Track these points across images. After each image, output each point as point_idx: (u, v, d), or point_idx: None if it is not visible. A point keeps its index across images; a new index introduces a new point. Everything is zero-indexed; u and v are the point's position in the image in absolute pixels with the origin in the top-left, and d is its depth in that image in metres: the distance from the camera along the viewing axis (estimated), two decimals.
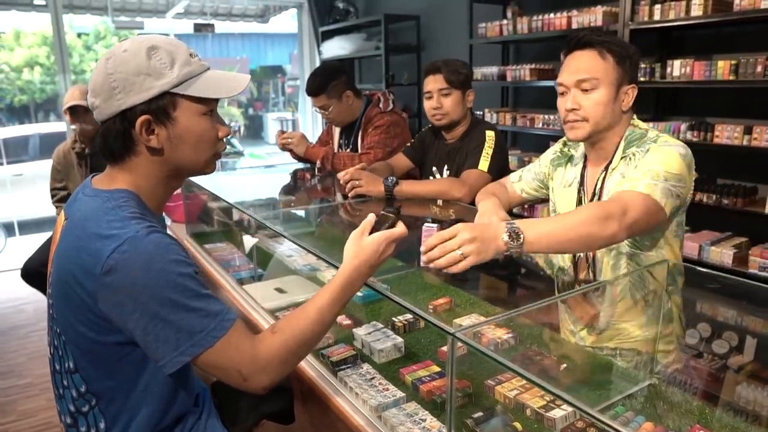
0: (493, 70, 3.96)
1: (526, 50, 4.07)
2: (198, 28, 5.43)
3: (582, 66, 1.42)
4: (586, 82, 1.40)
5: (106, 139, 1.05)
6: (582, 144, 1.59)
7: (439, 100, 2.18)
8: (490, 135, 2.18)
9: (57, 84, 4.91)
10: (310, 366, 1.41)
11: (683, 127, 2.82)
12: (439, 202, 2.12)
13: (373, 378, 1.30)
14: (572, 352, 1.51)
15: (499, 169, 2.15)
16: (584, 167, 1.60)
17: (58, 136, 5.15)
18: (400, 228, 1.16)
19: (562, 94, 1.49)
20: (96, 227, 0.98)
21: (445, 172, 2.31)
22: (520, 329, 1.57)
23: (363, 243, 1.13)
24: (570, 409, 1.15)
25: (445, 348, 1.45)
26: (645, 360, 1.42)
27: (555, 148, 1.76)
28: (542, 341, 1.49)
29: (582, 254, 1.54)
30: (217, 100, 1.10)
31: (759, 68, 2.49)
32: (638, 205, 1.27)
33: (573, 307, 1.56)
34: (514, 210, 1.99)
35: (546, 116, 3.57)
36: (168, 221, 2.90)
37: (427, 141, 2.42)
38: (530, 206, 3.62)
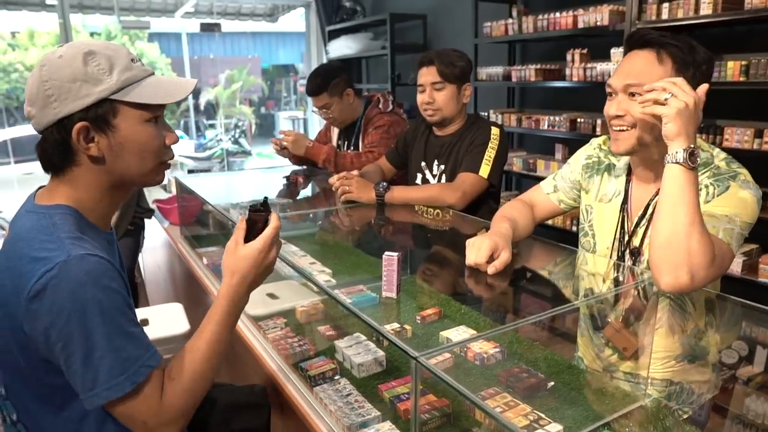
0: (498, 70, 3.89)
1: (532, 50, 3.99)
2: (205, 27, 5.41)
3: (634, 69, 1.25)
4: (634, 87, 1.24)
5: (45, 150, 0.99)
6: None
7: (431, 94, 2.03)
8: (495, 133, 2.03)
9: None
10: (287, 380, 1.37)
11: None
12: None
13: (349, 394, 1.25)
14: (563, 370, 1.45)
15: (499, 175, 2.07)
16: (628, 181, 1.45)
17: None
18: (273, 222, 1.08)
19: (610, 96, 1.33)
20: (27, 247, 0.93)
21: (437, 168, 2.19)
22: (511, 344, 1.51)
23: (238, 255, 1.05)
24: (555, 430, 1.09)
25: (430, 362, 1.40)
26: (677, 391, 1.34)
27: (588, 151, 1.60)
28: (532, 358, 1.43)
29: (628, 274, 1.43)
30: (162, 106, 1.04)
31: None
32: (718, 260, 1.15)
33: (597, 329, 1.44)
34: (549, 222, 1.83)
35: (552, 117, 3.49)
36: (165, 223, 2.88)
37: (411, 136, 2.29)
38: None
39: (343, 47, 5.54)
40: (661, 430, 1.18)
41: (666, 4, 2.71)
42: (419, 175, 2.26)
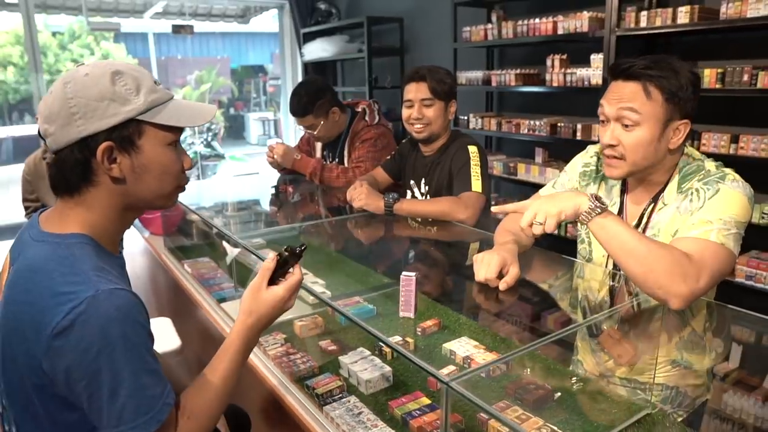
0: (477, 74, 3.92)
1: (510, 54, 4.03)
2: (176, 29, 5.30)
3: (623, 100, 1.29)
4: (625, 119, 1.29)
5: (61, 170, 0.96)
6: None
7: (420, 110, 2.07)
8: (473, 151, 2.08)
9: (31, 84, 4.77)
10: (294, 398, 1.35)
11: None
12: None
13: (360, 413, 1.24)
14: (565, 378, 1.46)
15: (489, 187, 2.10)
16: (623, 191, 1.48)
17: (33, 140, 4.99)
18: (297, 275, 1.13)
19: (603, 122, 1.37)
20: (48, 281, 0.89)
21: (423, 187, 2.24)
22: (508, 350, 1.52)
23: (261, 298, 1.08)
24: None
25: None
26: (675, 395, 1.36)
27: (584, 158, 1.63)
28: (536, 368, 1.44)
29: (623, 283, 1.46)
30: (181, 130, 1.04)
31: (745, 77, 2.48)
32: (715, 262, 1.19)
33: (601, 339, 1.46)
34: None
35: (532, 122, 3.53)
36: (146, 233, 2.81)
37: (405, 153, 2.34)
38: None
39: (319, 50, 5.50)
40: None
41: (644, 13, 2.77)
42: (408, 192, 2.30)
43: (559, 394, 1.33)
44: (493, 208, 1.44)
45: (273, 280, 1.11)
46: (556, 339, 1.51)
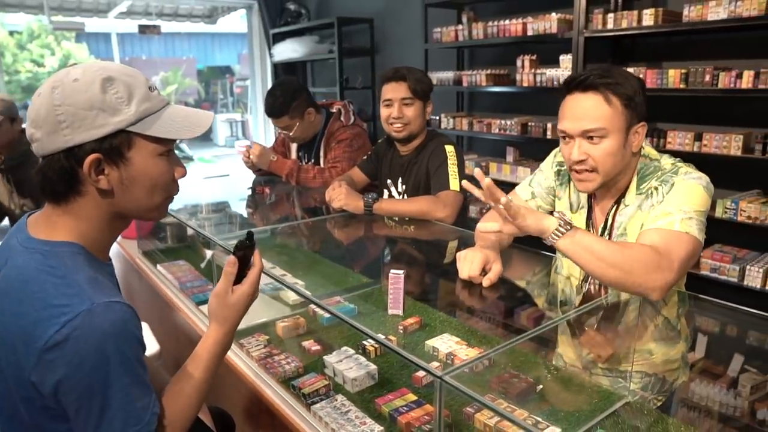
0: (448, 74, 3.96)
1: (480, 55, 4.09)
2: (143, 29, 5.20)
3: (586, 114, 1.31)
4: (592, 132, 1.30)
5: (47, 177, 0.92)
6: None
7: (400, 109, 2.10)
8: (450, 151, 2.11)
9: None
10: (280, 398, 1.35)
11: None
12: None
13: (348, 411, 1.25)
14: (546, 370, 1.50)
15: None
16: (590, 196, 1.53)
17: None
18: (258, 264, 1.11)
19: (565, 139, 1.38)
20: (41, 291, 0.86)
21: (400, 186, 2.26)
22: (492, 345, 1.55)
23: (229, 304, 1.07)
24: None
25: (420, 373, 1.42)
26: (653, 382, 1.40)
27: (558, 157, 1.65)
28: (516, 360, 1.47)
29: (593, 285, 1.50)
30: (173, 140, 1.00)
31: (707, 77, 2.57)
32: (682, 250, 1.24)
33: (580, 332, 1.50)
34: None
35: (503, 121, 3.59)
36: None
37: (381, 152, 2.36)
38: None
39: (289, 50, 5.48)
40: (647, 424, 1.24)
41: (611, 15, 2.85)
42: (386, 192, 2.31)
43: (541, 386, 1.36)
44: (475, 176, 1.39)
45: (237, 279, 1.10)
46: (536, 333, 1.55)
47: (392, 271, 1.29)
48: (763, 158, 2.47)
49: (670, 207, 1.29)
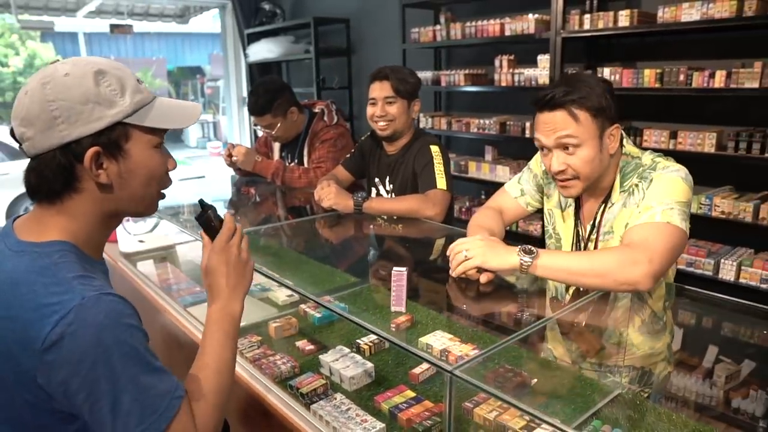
0: (426, 74, 3.98)
1: (457, 55, 4.13)
2: (114, 29, 5.10)
3: (557, 128, 1.36)
4: (566, 140, 1.36)
5: (42, 176, 0.91)
6: None
7: (383, 108, 2.13)
8: (435, 150, 2.13)
9: None
10: (278, 399, 1.34)
11: None
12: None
13: (349, 409, 1.25)
14: (539, 365, 1.53)
15: (452, 184, 2.16)
16: (578, 196, 1.56)
17: None
18: (228, 222, 1.08)
19: (543, 150, 1.43)
20: (30, 293, 0.84)
21: (388, 185, 2.28)
22: (483, 342, 1.57)
23: (212, 259, 1.06)
24: (550, 429, 1.15)
25: (416, 370, 1.43)
26: (641, 375, 1.43)
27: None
28: (508, 356, 1.49)
29: None
30: (166, 131, 1.00)
31: (681, 77, 2.64)
32: (661, 239, 1.28)
33: (569, 328, 1.53)
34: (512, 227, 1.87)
35: (480, 120, 3.63)
36: None
37: (366, 150, 2.37)
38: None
39: (264, 51, 5.44)
40: (641, 414, 1.28)
41: (588, 16, 2.91)
42: (374, 190, 2.32)
43: (536, 380, 1.39)
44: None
45: None
46: (535, 328, 1.56)
47: (395, 268, 1.30)
48: (735, 155, 2.56)
49: (651, 201, 1.34)
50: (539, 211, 1.78)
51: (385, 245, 2.20)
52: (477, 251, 1.33)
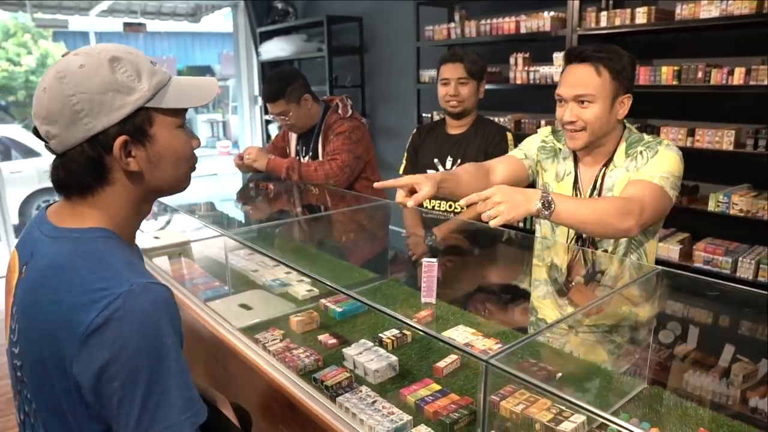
0: None
1: None
2: (128, 27, 5.12)
3: (579, 81, 1.54)
4: (582, 97, 1.53)
5: (72, 171, 0.90)
6: None
7: (456, 88, 2.28)
8: (510, 139, 2.31)
9: None
10: (303, 392, 1.34)
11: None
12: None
13: (375, 401, 1.25)
14: (563, 359, 1.52)
15: None
16: (575, 163, 1.71)
17: None
18: None
19: (560, 102, 1.60)
20: (77, 278, 0.84)
21: (449, 163, 2.35)
22: (505, 336, 1.57)
23: None
24: (579, 421, 1.15)
25: (440, 364, 1.43)
26: (639, 338, 1.48)
27: (541, 137, 1.83)
28: (531, 350, 1.49)
29: (580, 256, 1.71)
30: (186, 110, 1.00)
31: (700, 74, 2.63)
32: (654, 198, 1.47)
33: (573, 293, 1.68)
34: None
35: (495, 119, 3.61)
36: None
37: (419, 144, 2.47)
38: None
39: (276, 49, 5.45)
40: (667, 409, 1.27)
41: (604, 13, 2.90)
42: (431, 171, 2.35)
43: (560, 374, 1.38)
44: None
45: None
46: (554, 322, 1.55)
47: (425, 259, 1.30)
48: (754, 153, 2.54)
49: (653, 169, 1.53)
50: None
51: (400, 240, 2.20)
52: (504, 206, 1.32)
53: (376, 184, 1.53)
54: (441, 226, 2.24)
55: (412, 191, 1.47)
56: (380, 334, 1.56)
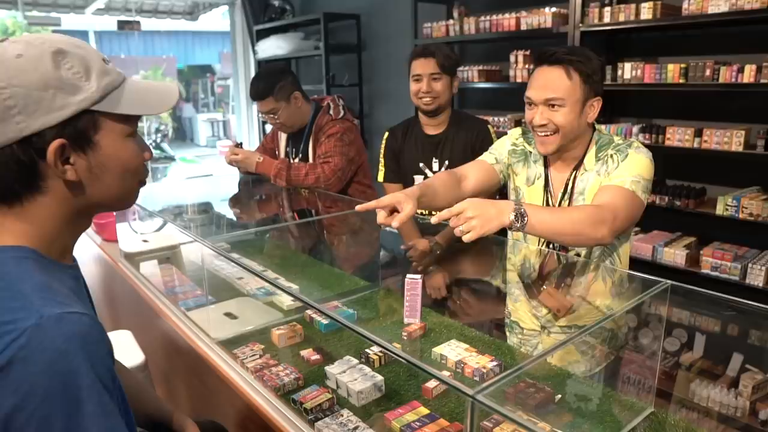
0: None
1: (471, 51, 4.02)
2: (122, 25, 5.03)
3: (549, 85, 1.50)
4: (553, 101, 1.50)
5: None
6: None
7: (429, 84, 2.15)
8: (492, 131, 2.20)
9: None
10: (279, 414, 1.24)
11: (635, 129, 2.83)
12: None
13: (356, 428, 1.15)
14: (562, 380, 1.42)
15: None
16: (546, 166, 1.68)
17: None
18: None
19: (530, 105, 1.56)
20: None
21: (435, 165, 2.23)
22: (501, 352, 1.47)
23: None
24: None
25: (429, 384, 1.32)
26: (612, 336, 1.43)
27: (511, 140, 1.79)
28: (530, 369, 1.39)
29: (553, 253, 1.68)
30: (140, 118, 0.88)
31: (708, 72, 2.52)
32: (626, 204, 1.45)
33: (544, 296, 1.66)
34: None
35: (495, 118, 3.51)
36: (98, 239, 2.63)
37: (397, 147, 2.30)
38: None
39: (273, 47, 5.36)
40: None
41: (608, 9, 2.79)
42: (419, 177, 2.24)
43: (559, 396, 1.28)
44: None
45: None
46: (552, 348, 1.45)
47: (408, 276, 1.20)
48: (764, 154, 2.43)
49: (624, 173, 1.51)
50: (502, 194, 1.89)
51: (393, 248, 2.10)
52: (477, 221, 1.26)
53: (357, 208, 1.42)
54: (443, 233, 2.12)
55: (392, 210, 1.37)
56: (367, 350, 1.45)
